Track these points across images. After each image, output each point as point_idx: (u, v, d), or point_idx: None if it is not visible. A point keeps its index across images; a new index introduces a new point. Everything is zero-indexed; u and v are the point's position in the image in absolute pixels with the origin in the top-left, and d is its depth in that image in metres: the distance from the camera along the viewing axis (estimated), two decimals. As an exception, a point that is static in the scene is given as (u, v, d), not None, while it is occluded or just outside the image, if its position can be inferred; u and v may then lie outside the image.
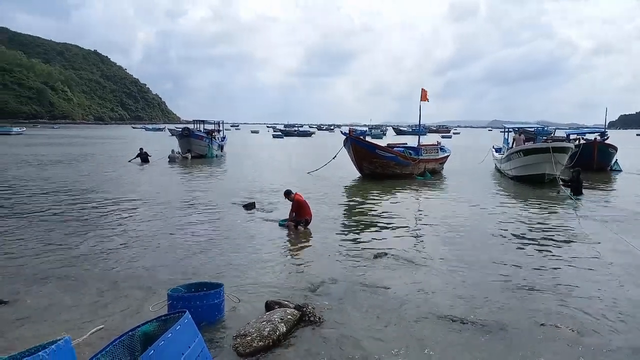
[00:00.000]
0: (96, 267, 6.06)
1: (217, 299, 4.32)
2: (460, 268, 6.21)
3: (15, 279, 5.51)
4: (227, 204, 11.15)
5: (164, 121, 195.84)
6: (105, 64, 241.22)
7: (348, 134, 17.45)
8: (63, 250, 6.81)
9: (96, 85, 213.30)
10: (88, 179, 15.69)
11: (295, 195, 8.77)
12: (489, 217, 9.87)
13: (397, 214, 10.21)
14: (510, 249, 7.26)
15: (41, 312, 4.57)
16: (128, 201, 11.28)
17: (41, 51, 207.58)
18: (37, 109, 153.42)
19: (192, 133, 25.94)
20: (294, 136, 73.48)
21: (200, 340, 2.34)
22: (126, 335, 2.53)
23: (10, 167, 18.88)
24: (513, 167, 16.88)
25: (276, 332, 3.98)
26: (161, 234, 8.02)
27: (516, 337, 4.14)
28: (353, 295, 5.13)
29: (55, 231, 8.01)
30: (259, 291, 5.21)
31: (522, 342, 4.03)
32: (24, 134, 58.57)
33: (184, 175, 18.01)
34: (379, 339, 4.06)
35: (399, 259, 6.56)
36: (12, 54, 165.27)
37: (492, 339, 4.09)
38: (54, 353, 1.78)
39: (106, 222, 8.86)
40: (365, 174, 16.73)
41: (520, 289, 5.42)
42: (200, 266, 6.20)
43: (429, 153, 19.09)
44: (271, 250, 7.09)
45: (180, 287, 4.54)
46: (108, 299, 4.97)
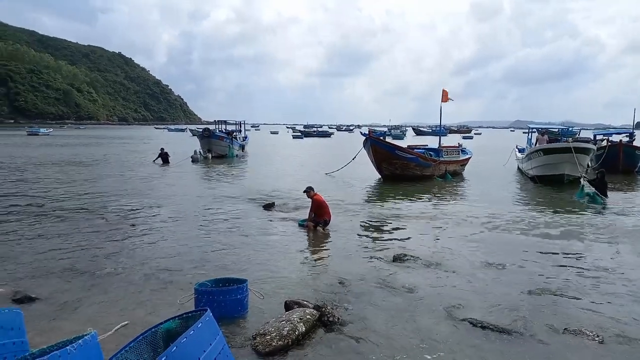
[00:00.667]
0: (121, 265, 6.19)
1: (241, 294, 4.45)
2: (481, 271, 6.14)
3: (46, 277, 5.68)
4: (247, 203, 11.26)
5: (185, 122, 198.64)
6: (129, 66, 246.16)
7: (368, 135, 17.39)
8: (89, 249, 7.00)
9: (120, 86, 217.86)
10: (113, 179, 16.03)
11: (315, 195, 8.79)
12: (510, 220, 9.71)
13: (417, 215, 10.14)
14: (532, 253, 7.13)
15: (69, 308, 4.71)
16: (152, 200, 11.49)
17: (68, 53, 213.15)
18: (64, 110, 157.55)
19: (213, 134, 26.28)
20: (313, 137, 73.50)
21: (221, 338, 2.37)
22: (149, 331, 2.59)
23: (43, 167, 19.45)
24: (533, 166, 16.58)
25: (295, 331, 4.00)
26: (183, 233, 8.16)
27: (536, 342, 4.07)
28: (372, 296, 5.12)
29: (81, 230, 8.22)
30: (278, 291, 5.24)
31: (542, 348, 3.96)
32: (51, 135, 60.17)
33: (205, 175, 18.24)
34: (396, 341, 4.04)
35: (418, 260, 6.52)
36: (40, 57, 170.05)
37: (512, 344, 4.03)
38: (81, 347, 1.84)
39: (130, 221, 9.04)
40: (384, 175, 16.64)
41: (542, 293, 5.32)
42: (220, 265, 6.28)
43: (449, 155, 18.87)
44: (290, 250, 7.13)
45: (207, 281, 4.72)
46: (133, 295, 5.09)
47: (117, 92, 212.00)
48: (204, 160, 24.07)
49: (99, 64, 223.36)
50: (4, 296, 4.97)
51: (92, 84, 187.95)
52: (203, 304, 4.26)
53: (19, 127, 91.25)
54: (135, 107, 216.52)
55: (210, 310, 2.69)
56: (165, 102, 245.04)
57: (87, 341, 1.88)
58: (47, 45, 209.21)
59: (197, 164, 22.44)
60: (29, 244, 7.18)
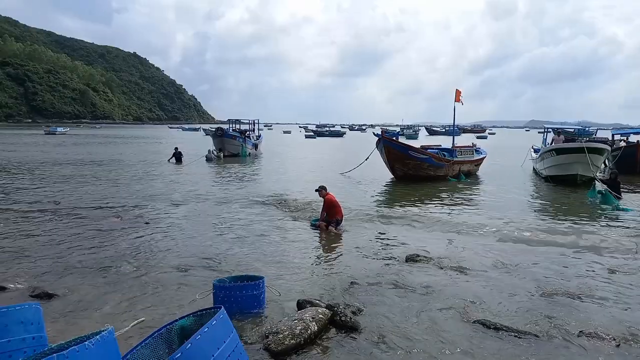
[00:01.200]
0: (136, 262, 6.27)
1: (257, 291, 4.53)
2: (495, 272, 6.09)
3: (62, 274, 5.78)
4: (259, 202, 11.32)
5: (199, 121, 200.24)
6: (143, 66, 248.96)
7: (381, 136, 17.34)
8: (105, 246, 7.10)
9: (135, 86, 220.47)
10: (129, 178, 16.24)
11: (327, 195, 8.80)
12: (524, 221, 9.61)
13: (430, 216, 10.09)
14: (546, 255, 7.04)
15: (86, 305, 4.79)
16: (165, 199, 11.62)
17: (84, 54, 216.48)
18: (80, 109, 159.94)
19: (226, 133, 26.50)
20: (325, 136, 73.53)
21: (235, 336, 2.40)
22: (164, 328, 2.63)
23: (60, 166, 19.79)
24: (546, 166, 16.40)
25: (307, 330, 4.01)
26: (196, 231, 8.24)
27: (551, 344, 4.02)
28: (384, 296, 5.11)
29: (97, 228, 8.35)
30: (290, 290, 5.27)
31: (558, 350, 3.92)
32: (67, 134, 61.13)
33: (218, 175, 18.38)
34: (409, 342, 4.03)
35: (430, 261, 6.49)
36: (57, 57, 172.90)
37: (527, 346, 3.99)
38: (99, 343, 1.88)
39: (145, 219, 9.15)
40: (398, 175, 16.58)
41: (556, 295, 5.25)
42: (233, 263, 6.33)
43: (463, 154, 18.73)
44: (302, 250, 7.16)
45: (225, 278, 4.83)
46: (148, 292, 5.16)
47: (132, 91, 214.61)
48: (217, 159, 24.27)
49: (114, 64, 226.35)
50: (22, 292, 5.08)
51: (107, 83, 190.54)
52: (221, 299, 4.34)
53: (37, 126, 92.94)
54: (149, 107, 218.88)
55: (228, 305, 2.73)
56: (179, 102, 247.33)
57: (104, 337, 1.92)
58: (64, 45, 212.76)
59: (210, 163, 22.62)
60: (46, 241, 7.31)
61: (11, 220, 8.77)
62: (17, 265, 6.06)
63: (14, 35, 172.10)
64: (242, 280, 4.73)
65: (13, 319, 2.37)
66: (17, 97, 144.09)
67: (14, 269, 5.87)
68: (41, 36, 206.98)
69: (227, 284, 4.57)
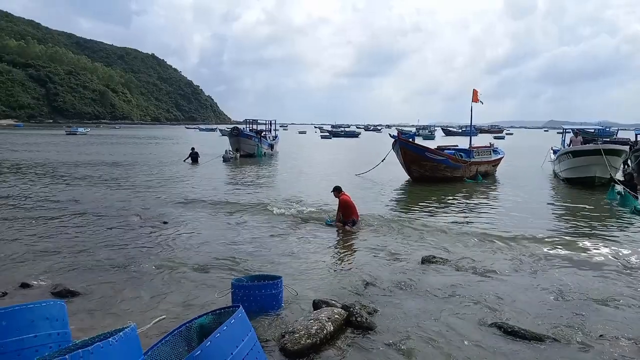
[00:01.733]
0: (156, 261, 6.37)
1: (276, 290, 4.57)
2: (512, 276, 6.02)
3: (84, 272, 5.90)
4: (275, 203, 11.38)
5: (215, 122, 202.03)
6: (161, 67, 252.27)
7: (397, 137, 17.28)
8: (125, 245, 7.23)
9: (153, 87, 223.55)
10: (147, 178, 16.49)
11: (342, 195, 8.82)
12: (543, 223, 9.48)
13: (446, 218, 10.03)
14: (564, 259, 6.94)
15: (107, 302, 4.89)
16: (182, 199, 11.77)
17: (104, 55, 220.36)
18: (100, 110, 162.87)
19: (241, 132, 26.74)
20: (341, 137, 73.51)
21: (253, 335, 2.44)
22: (184, 326, 2.69)
23: (81, 167, 20.20)
24: (563, 168, 16.20)
25: (323, 331, 4.03)
26: (213, 231, 8.33)
27: (570, 348, 3.97)
28: (400, 298, 5.11)
29: (117, 227, 8.51)
30: (305, 290, 5.29)
31: (577, 355, 3.87)
32: (88, 134, 62.26)
33: (234, 175, 18.53)
34: (424, 343, 4.02)
35: (447, 263, 6.45)
36: (78, 59, 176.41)
37: (545, 350, 3.95)
38: (122, 339, 1.93)
39: (163, 219, 9.29)
40: (414, 177, 16.50)
41: (578, 299, 5.17)
42: (250, 263, 6.38)
43: (481, 155, 18.54)
44: (318, 250, 7.18)
45: (243, 277, 4.90)
46: (168, 291, 5.24)
47: (150, 92, 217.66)
48: (234, 159, 24.46)
49: (133, 65, 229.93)
50: (44, 289, 5.20)
51: (126, 84, 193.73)
52: (239, 298, 4.40)
53: (58, 127, 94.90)
54: (167, 108, 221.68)
55: (246, 304, 2.76)
56: (196, 102, 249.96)
57: (127, 333, 1.98)
58: (84, 47, 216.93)
59: (227, 164, 22.80)
60: (68, 240, 7.48)
61: (34, 220, 8.98)
62: (40, 263, 6.21)
63: (36, 38, 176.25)
64: (260, 280, 4.78)
65: (39, 315, 2.45)
66: (39, 97, 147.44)
67: (37, 267, 6.02)
68: (62, 38, 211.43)
69: (245, 284, 4.62)
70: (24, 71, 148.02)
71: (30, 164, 20.49)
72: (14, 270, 5.86)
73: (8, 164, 20.19)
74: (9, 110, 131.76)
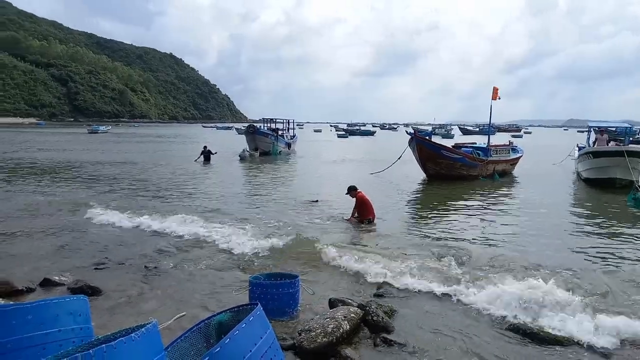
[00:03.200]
0: (175, 259, 6.47)
1: (293, 289, 4.59)
2: (533, 275, 5.90)
3: (107, 269, 6.02)
4: (291, 200, 11.42)
5: (232, 120, 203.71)
6: (179, 66, 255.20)
7: (413, 134, 17.18)
8: (144, 243, 7.34)
9: (171, 86, 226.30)
10: (167, 177, 16.71)
11: (358, 194, 8.80)
12: (562, 223, 9.33)
13: (463, 216, 9.94)
14: (586, 260, 6.82)
15: (127, 298, 4.98)
16: (197, 197, 11.89)
17: (123, 55, 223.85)
18: (119, 108, 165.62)
19: (257, 130, 26.88)
20: (356, 135, 73.47)
21: (271, 332, 2.46)
22: (203, 323, 2.72)
23: (104, 166, 20.58)
24: (583, 169, 15.92)
25: (340, 329, 4.03)
26: (230, 231, 8.37)
27: (593, 352, 3.90)
28: (416, 297, 5.09)
29: (137, 225, 8.63)
30: (322, 288, 5.31)
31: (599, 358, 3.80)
32: (110, 132, 63.25)
33: (250, 174, 18.64)
34: (441, 344, 4.00)
35: (463, 263, 6.39)
36: (98, 58, 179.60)
37: (567, 354, 3.89)
38: (144, 335, 1.97)
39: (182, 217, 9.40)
40: (430, 174, 16.40)
41: (596, 302, 5.08)
42: (265, 262, 6.41)
43: (499, 153, 18.31)
44: (332, 248, 7.15)
45: (260, 275, 4.93)
46: (188, 288, 5.30)
47: (168, 91, 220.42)
48: (251, 157, 24.52)
49: (151, 65, 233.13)
50: (66, 285, 5.31)
51: (145, 83, 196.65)
52: (257, 295, 4.43)
53: (79, 125, 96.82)
54: (184, 106, 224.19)
55: (264, 302, 2.78)
56: (213, 101, 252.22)
57: (149, 329, 2.01)
58: (104, 47, 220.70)
59: (243, 163, 22.90)
60: (87, 237, 7.62)
61: (56, 217, 9.18)
62: (62, 259, 6.35)
63: (58, 38, 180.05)
64: (277, 278, 4.80)
65: (63, 310, 2.51)
66: (60, 97, 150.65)
67: (58, 263, 6.16)
68: (83, 38, 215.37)
69: (262, 281, 4.64)
70: (46, 71, 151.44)
71: (59, 165, 20.94)
72: (37, 266, 5.99)
73: (39, 164, 20.67)
74: (31, 109, 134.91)
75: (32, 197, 11.33)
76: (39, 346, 2.39)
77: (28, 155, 24.17)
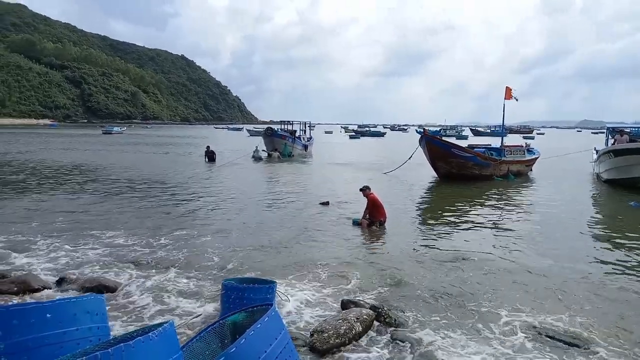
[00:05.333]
0: (189, 258, 6.50)
1: (269, 294, 4.26)
2: (548, 278, 5.86)
3: (117, 267, 6.08)
4: (303, 201, 11.44)
5: (242, 121, 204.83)
6: (190, 68, 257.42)
7: (423, 133, 17.12)
8: (158, 241, 7.40)
9: (182, 87, 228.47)
10: (179, 179, 16.85)
11: (370, 195, 8.79)
12: (578, 225, 9.21)
13: (475, 217, 9.86)
14: (603, 261, 6.73)
15: (148, 299, 5.00)
16: (210, 196, 11.97)
17: (135, 57, 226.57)
18: (131, 110, 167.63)
19: (275, 133, 27.19)
20: (366, 136, 73.56)
21: (286, 333, 2.47)
22: (218, 323, 2.74)
23: (119, 168, 20.83)
24: (604, 169, 15.55)
25: (352, 331, 4.04)
26: (242, 228, 8.44)
27: (613, 356, 3.85)
28: (429, 300, 5.06)
29: (148, 225, 8.72)
30: (333, 289, 5.31)
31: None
32: (125, 134, 63.81)
33: (261, 174, 18.70)
34: (453, 348, 3.97)
35: (478, 264, 6.35)
36: (111, 60, 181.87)
37: (583, 356, 3.84)
38: (161, 334, 1.99)
39: (193, 215, 9.47)
40: (441, 174, 16.30)
41: (619, 304, 5.01)
42: (275, 262, 6.42)
43: (513, 154, 18.17)
44: (345, 249, 7.17)
45: (233, 279, 4.55)
46: (203, 287, 5.32)
47: (179, 92, 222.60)
48: (269, 159, 24.55)
49: (163, 67, 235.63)
50: (80, 284, 5.37)
51: (157, 85, 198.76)
52: (232, 300, 4.09)
53: (92, 126, 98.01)
54: (196, 108, 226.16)
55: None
56: (223, 103, 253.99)
57: (166, 329, 2.04)
58: (117, 49, 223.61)
59: (257, 162, 22.91)
60: (103, 236, 7.70)
61: (74, 217, 9.31)
62: (79, 258, 6.42)
63: (72, 40, 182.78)
64: (250, 282, 4.45)
65: (81, 309, 2.55)
66: (74, 98, 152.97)
67: (75, 262, 6.23)
68: (96, 40, 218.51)
69: (237, 285, 4.26)
70: (60, 73, 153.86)
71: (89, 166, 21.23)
72: (52, 264, 6.08)
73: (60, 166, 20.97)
74: (46, 110, 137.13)
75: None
76: (57, 344, 2.42)
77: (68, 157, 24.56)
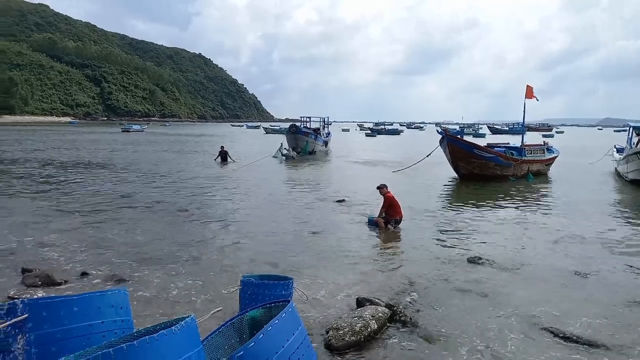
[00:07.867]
0: (208, 254, 6.62)
1: (285, 291, 4.23)
2: (563, 278, 5.80)
3: (140, 263, 6.21)
4: (319, 198, 11.49)
5: (259, 119, 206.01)
6: (208, 66, 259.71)
7: (444, 133, 16.97)
8: (176, 238, 7.53)
9: (200, 85, 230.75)
10: (194, 178, 17.06)
11: (387, 193, 8.79)
12: (599, 225, 9.06)
13: (494, 217, 9.78)
14: (622, 264, 6.62)
15: (162, 293, 5.12)
16: (232, 194, 12.11)
17: (154, 55, 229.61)
18: (150, 108, 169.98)
19: (299, 130, 27.31)
20: (382, 134, 73.26)
21: (303, 329, 2.52)
22: (236, 318, 2.81)
23: (136, 165, 21.17)
24: (630, 169, 15.24)
25: (367, 328, 4.08)
26: (257, 226, 8.53)
27: (628, 356, 3.82)
28: (444, 298, 5.06)
29: (168, 221, 8.87)
30: (349, 287, 5.35)
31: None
32: (146, 132, 64.53)
33: (277, 173, 18.80)
34: (469, 346, 3.98)
35: (494, 264, 6.32)
36: (130, 59, 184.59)
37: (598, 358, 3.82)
38: (183, 328, 2.07)
39: (211, 213, 9.61)
40: (462, 174, 16.16)
41: (631, 306, 4.94)
42: (291, 260, 6.47)
43: (533, 153, 17.91)
44: (361, 247, 7.21)
45: (253, 275, 4.53)
46: (222, 283, 5.40)
47: (197, 91, 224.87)
48: (290, 158, 24.10)
49: (181, 65, 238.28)
50: (102, 279, 5.52)
51: (175, 83, 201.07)
52: (250, 296, 4.11)
53: (112, 124, 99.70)
54: (213, 106, 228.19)
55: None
56: (240, 101, 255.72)
57: (187, 323, 2.11)
58: (136, 48, 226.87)
59: (283, 162, 22.78)
60: (122, 233, 7.87)
61: (93, 215, 9.54)
62: (99, 254, 6.59)
63: (92, 39, 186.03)
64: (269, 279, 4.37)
65: (106, 302, 2.65)
66: (94, 96, 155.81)
67: (95, 257, 6.39)
68: (116, 39, 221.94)
69: (254, 281, 4.23)
70: (80, 71, 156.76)
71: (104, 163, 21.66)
72: (73, 260, 6.25)
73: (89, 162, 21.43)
74: (67, 108, 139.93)
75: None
76: (84, 336, 2.52)
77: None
